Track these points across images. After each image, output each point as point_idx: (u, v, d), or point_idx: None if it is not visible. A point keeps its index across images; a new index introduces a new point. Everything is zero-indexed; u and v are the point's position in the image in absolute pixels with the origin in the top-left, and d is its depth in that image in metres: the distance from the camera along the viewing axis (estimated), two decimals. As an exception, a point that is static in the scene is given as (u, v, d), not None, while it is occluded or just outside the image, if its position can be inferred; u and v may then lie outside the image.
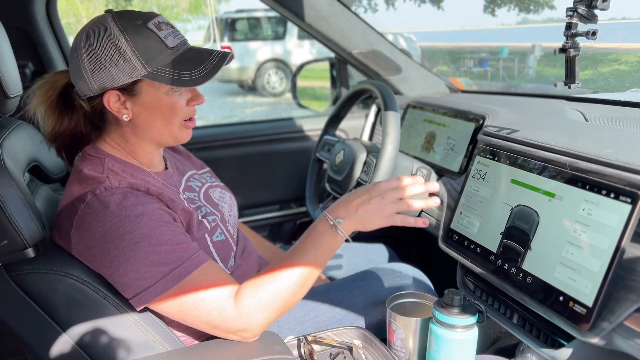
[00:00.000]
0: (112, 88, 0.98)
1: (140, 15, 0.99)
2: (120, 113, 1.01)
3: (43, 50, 1.72)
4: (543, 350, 0.95)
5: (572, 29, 0.93)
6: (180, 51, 1.01)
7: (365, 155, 1.43)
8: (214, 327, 0.96)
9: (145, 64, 0.96)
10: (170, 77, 0.97)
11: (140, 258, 0.92)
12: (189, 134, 1.11)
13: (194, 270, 0.94)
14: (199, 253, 0.97)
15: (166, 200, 1.02)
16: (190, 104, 1.06)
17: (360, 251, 1.64)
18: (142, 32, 0.97)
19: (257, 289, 0.97)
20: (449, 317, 1.00)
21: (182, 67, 0.98)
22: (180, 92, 1.04)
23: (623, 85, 2.33)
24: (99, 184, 0.97)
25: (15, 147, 1.07)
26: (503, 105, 1.46)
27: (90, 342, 0.99)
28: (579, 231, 0.89)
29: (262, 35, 10.49)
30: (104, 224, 0.94)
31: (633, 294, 0.80)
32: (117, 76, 0.97)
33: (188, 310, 0.94)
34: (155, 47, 0.97)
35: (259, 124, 2.32)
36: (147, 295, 0.92)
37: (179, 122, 1.06)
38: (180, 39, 1.02)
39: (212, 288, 0.95)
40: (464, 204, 1.20)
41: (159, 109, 1.03)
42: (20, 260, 0.97)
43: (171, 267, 0.93)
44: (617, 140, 1.01)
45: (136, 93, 1.01)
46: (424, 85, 1.97)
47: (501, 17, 18.90)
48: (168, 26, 1.01)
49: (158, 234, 0.94)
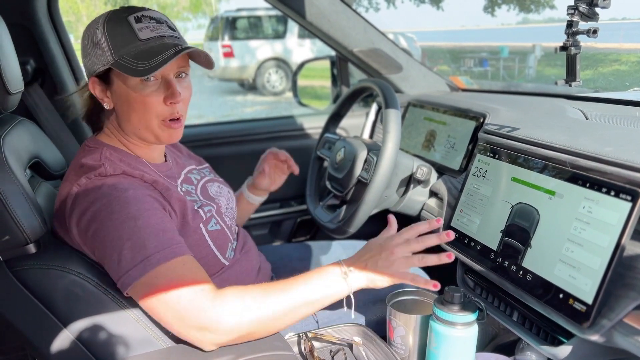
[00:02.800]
0: (94, 75, 1.02)
1: (131, 9, 1.01)
2: (103, 101, 1.05)
3: (44, 48, 1.71)
4: (543, 348, 0.95)
5: (573, 27, 0.93)
6: (150, 44, 0.99)
7: (366, 153, 1.43)
8: (179, 318, 0.90)
9: (113, 53, 0.98)
10: (127, 67, 0.97)
11: (124, 238, 0.92)
12: (173, 135, 1.07)
13: (173, 258, 0.92)
14: (182, 245, 0.96)
15: (160, 189, 1.03)
16: (166, 103, 1.02)
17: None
18: (121, 22, 0.99)
19: (245, 294, 0.94)
20: (449, 314, 1.00)
21: (142, 58, 0.97)
22: (153, 88, 1.01)
23: (623, 84, 2.33)
24: (93, 170, 0.99)
25: (16, 143, 1.07)
26: (503, 104, 1.46)
27: (91, 338, 0.99)
28: (579, 229, 0.89)
29: (263, 33, 10.49)
30: (95, 203, 0.95)
31: (633, 292, 0.80)
32: (94, 63, 1.01)
33: (159, 295, 0.90)
34: (126, 38, 0.98)
35: (259, 121, 2.32)
36: (128, 279, 0.91)
37: (157, 121, 1.03)
38: (159, 33, 1.00)
39: (189, 278, 0.92)
40: (464, 202, 1.20)
41: (131, 103, 1.02)
42: (21, 255, 0.98)
43: (151, 251, 0.91)
44: (617, 139, 1.01)
45: (110, 82, 1.03)
46: (425, 83, 1.97)
47: (502, 17, 18.91)
48: (152, 20, 1.01)
49: (145, 216, 0.94)
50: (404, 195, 1.47)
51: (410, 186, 1.46)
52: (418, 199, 1.47)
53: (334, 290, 0.99)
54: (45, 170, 1.21)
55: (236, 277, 1.19)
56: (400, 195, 1.47)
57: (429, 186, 1.46)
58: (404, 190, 1.47)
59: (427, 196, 1.47)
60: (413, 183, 1.45)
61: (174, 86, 1.02)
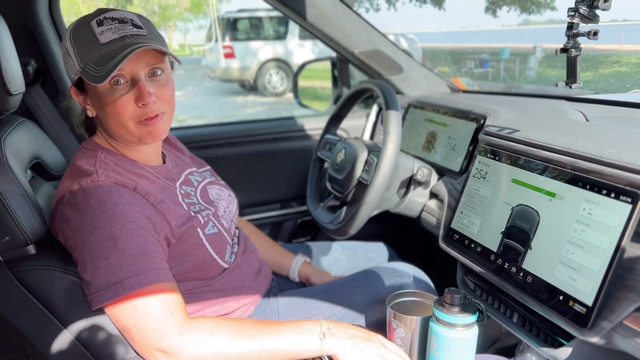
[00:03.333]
0: (73, 84, 1.03)
1: (97, 12, 1.00)
2: (86, 108, 1.06)
3: (46, 48, 1.72)
4: (543, 350, 0.95)
5: (574, 29, 0.93)
6: (111, 47, 0.96)
7: (367, 154, 1.43)
8: (143, 337, 0.91)
9: (80, 61, 0.97)
10: (90, 74, 0.95)
11: (102, 257, 0.92)
12: (153, 132, 1.03)
13: (147, 285, 0.91)
14: (159, 271, 0.94)
15: (153, 201, 1.02)
16: (137, 104, 0.99)
17: (361, 250, 1.64)
18: (83, 28, 0.98)
19: (214, 328, 0.93)
20: (449, 315, 1.00)
21: (101, 63, 0.95)
22: (123, 91, 0.98)
23: (624, 86, 2.33)
24: (86, 177, 0.98)
25: (17, 144, 1.07)
26: (504, 106, 1.46)
27: (91, 338, 0.99)
28: (579, 231, 0.89)
29: (264, 34, 10.49)
30: (81, 215, 0.95)
31: (633, 293, 0.80)
32: (69, 72, 1.02)
33: (128, 314, 0.91)
34: (89, 44, 0.97)
35: (260, 122, 2.32)
36: (99, 298, 0.92)
37: (132, 123, 1.01)
38: (120, 34, 0.97)
39: (161, 300, 0.92)
40: (464, 204, 1.20)
41: (104, 108, 1.01)
42: (22, 256, 0.98)
43: (126, 275, 0.91)
44: (617, 140, 1.01)
45: (85, 90, 1.03)
46: (425, 85, 1.97)
47: (502, 18, 18.90)
48: (115, 21, 0.98)
49: (127, 237, 0.93)
50: (405, 196, 1.47)
51: (410, 187, 1.46)
52: (418, 201, 1.47)
53: (305, 348, 0.96)
54: (46, 171, 1.21)
55: (236, 280, 1.20)
56: (400, 196, 1.47)
57: (430, 187, 1.46)
58: (404, 192, 1.47)
59: (428, 197, 1.47)
60: (413, 184, 1.45)
61: (142, 87, 0.98)
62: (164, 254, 0.99)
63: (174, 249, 1.05)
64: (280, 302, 1.27)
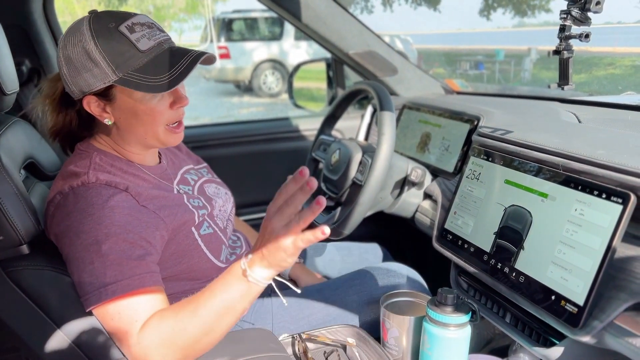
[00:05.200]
0: (90, 93, 0.98)
1: (116, 17, 0.97)
2: (102, 117, 1.01)
3: (40, 48, 1.71)
4: (535, 349, 0.96)
5: (566, 32, 0.94)
6: (153, 54, 0.97)
7: (361, 155, 1.44)
8: (121, 347, 0.92)
9: (115, 70, 0.94)
10: (139, 83, 0.94)
11: (87, 261, 0.91)
12: (177, 139, 1.07)
13: (130, 291, 0.90)
14: (143, 276, 0.93)
15: (144, 202, 1.01)
16: (173, 108, 1.02)
17: (355, 250, 1.64)
18: (114, 35, 0.94)
19: (160, 324, 0.90)
20: (442, 315, 1.01)
21: (152, 71, 0.95)
22: (159, 97, 1.00)
23: (617, 88, 2.35)
24: (77, 179, 0.98)
25: (11, 143, 1.07)
26: (498, 107, 1.47)
27: (85, 339, 0.99)
28: (571, 231, 0.90)
29: (259, 35, 10.49)
30: (69, 217, 0.94)
31: (624, 293, 0.81)
32: (91, 81, 0.96)
33: (112, 316, 0.91)
34: (126, 52, 0.95)
35: (255, 123, 2.33)
36: (87, 302, 0.92)
37: (162, 127, 1.03)
38: (156, 41, 0.98)
39: (131, 311, 0.90)
40: (458, 204, 1.21)
41: (137, 115, 1.00)
42: (15, 256, 0.98)
43: (109, 280, 0.90)
44: (609, 142, 1.02)
45: (112, 98, 1.00)
46: (420, 86, 1.98)
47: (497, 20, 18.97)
48: (144, 27, 0.98)
49: (112, 241, 0.92)
50: (399, 197, 1.47)
51: (404, 188, 1.47)
52: (412, 201, 1.48)
53: (240, 291, 0.89)
54: (40, 171, 1.21)
55: None
56: (394, 197, 1.48)
57: (423, 188, 1.46)
58: (398, 192, 1.48)
59: (422, 198, 1.48)
60: (407, 185, 1.46)
61: (180, 91, 1.02)
62: (155, 256, 0.98)
63: (169, 248, 1.05)
64: (274, 303, 1.27)
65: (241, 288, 0.89)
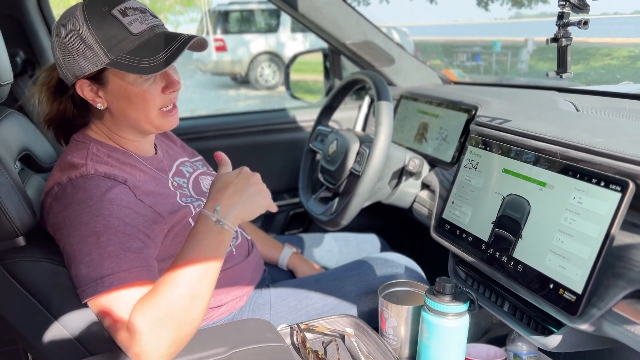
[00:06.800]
0: (83, 77, 0.99)
1: (109, 1, 0.97)
2: (95, 102, 1.02)
3: (34, 39, 1.70)
4: (533, 337, 0.96)
5: (564, 19, 0.94)
6: (145, 37, 0.97)
7: (358, 145, 1.43)
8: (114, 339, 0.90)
9: (107, 52, 0.95)
10: (131, 65, 0.95)
11: (84, 253, 0.91)
12: (171, 122, 1.07)
13: (126, 283, 0.90)
14: (139, 270, 0.92)
15: (141, 195, 1.01)
16: (165, 92, 1.02)
17: (353, 241, 1.64)
18: (106, 19, 0.95)
19: (143, 305, 0.87)
20: (440, 304, 1.01)
21: (144, 54, 0.95)
22: (151, 81, 1.00)
23: (614, 78, 2.35)
24: (75, 170, 0.98)
25: (6, 135, 1.06)
26: (495, 96, 1.46)
27: (83, 330, 0.98)
28: (569, 219, 0.90)
29: (255, 27, 10.44)
30: (67, 209, 0.94)
31: (622, 281, 0.81)
32: (83, 65, 0.97)
33: (107, 309, 0.90)
34: (118, 34, 0.95)
35: (252, 114, 2.32)
36: (83, 294, 0.91)
37: (156, 112, 1.03)
38: (148, 25, 0.99)
39: (127, 302, 0.89)
40: (456, 194, 1.20)
41: (129, 99, 1.00)
42: (11, 248, 0.97)
43: (106, 272, 0.89)
44: (607, 130, 1.01)
45: (105, 82, 1.00)
46: (417, 76, 1.97)
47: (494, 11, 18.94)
48: (137, 11, 0.98)
49: (110, 233, 0.91)
50: (396, 187, 1.47)
51: (402, 178, 1.46)
52: (410, 191, 1.48)
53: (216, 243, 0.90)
54: (35, 162, 1.20)
55: (232, 273, 1.19)
56: (392, 187, 1.48)
57: (421, 178, 1.46)
58: (396, 183, 1.47)
59: (419, 188, 1.47)
60: (405, 175, 1.46)
61: (172, 75, 1.02)
62: (153, 249, 0.98)
63: (167, 241, 1.04)
64: (272, 293, 1.27)
65: (215, 239, 0.90)
